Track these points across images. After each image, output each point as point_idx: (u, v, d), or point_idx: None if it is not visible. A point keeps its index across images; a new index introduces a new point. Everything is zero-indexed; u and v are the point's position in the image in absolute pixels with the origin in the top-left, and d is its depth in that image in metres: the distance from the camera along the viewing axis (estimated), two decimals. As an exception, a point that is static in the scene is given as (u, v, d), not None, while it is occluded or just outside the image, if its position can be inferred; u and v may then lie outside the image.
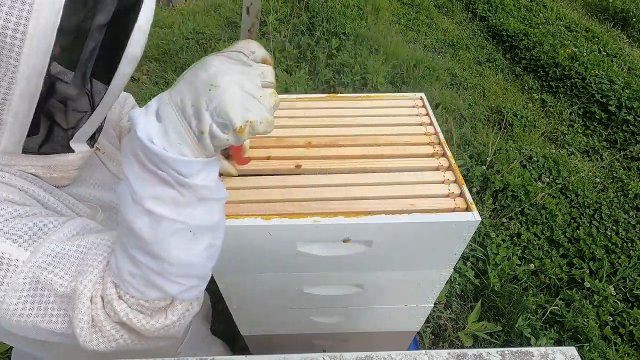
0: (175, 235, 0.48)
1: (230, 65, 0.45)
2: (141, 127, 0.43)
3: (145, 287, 0.50)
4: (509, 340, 1.73)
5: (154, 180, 0.45)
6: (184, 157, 0.44)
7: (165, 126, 0.44)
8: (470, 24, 4.50)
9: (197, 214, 0.49)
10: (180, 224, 0.48)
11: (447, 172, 0.85)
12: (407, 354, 0.67)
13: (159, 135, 0.43)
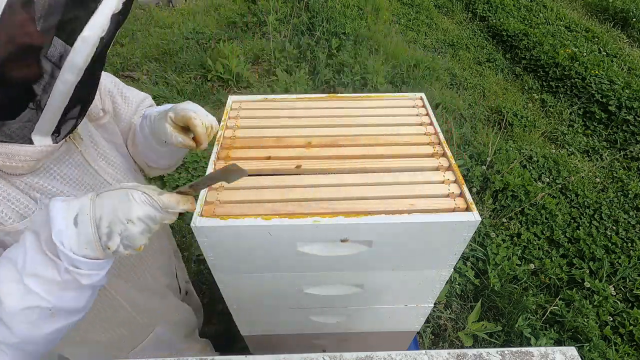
0: (32, 311, 0.52)
1: (146, 207, 0.55)
2: (56, 230, 0.51)
3: None
4: (509, 340, 1.73)
5: (44, 261, 0.52)
6: (86, 259, 0.53)
7: (79, 233, 0.52)
8: (470, 24, 4.50)
9: (67, 297, 0.54)
10: (46, 302, 0.52)
11: (447, 172, 0.84)
12: (407, 354, 0.67)
13: (70, 239, 0.51)
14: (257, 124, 0.97)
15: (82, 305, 0.57)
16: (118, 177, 0.80)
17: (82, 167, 0.72)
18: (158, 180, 2.33)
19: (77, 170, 0.71)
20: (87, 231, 0.52)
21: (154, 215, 0.56)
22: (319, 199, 0.78)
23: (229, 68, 3.15)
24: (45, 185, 0.64)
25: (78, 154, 0.71)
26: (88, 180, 0.73)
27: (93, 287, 0.57)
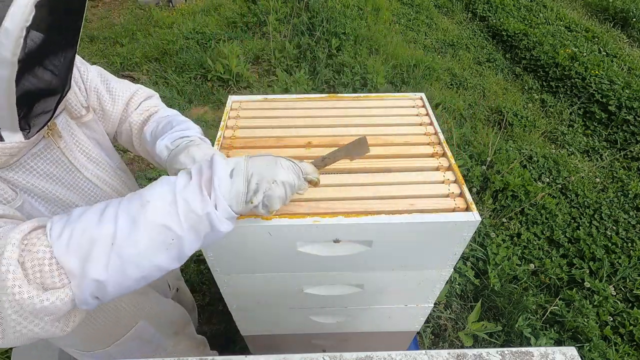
0: (161, 238, 0.55)
1: (290, 175, 0.63)
2: (218, 176, 0.58)
3: (80, 245, 0.51)
4: (509, 340, 1.73)
5: (198, 194, 0.57)
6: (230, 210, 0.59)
7: (232, 184, 0.59)
8: (470, 24, 4.50)
9: (189, 237, 0.58)
10: (178, 229, 0.56)
11: (447, 172, 0.84)
12: (407, 354, 0.67)
13: (224, 188, 0.58)
14: (257, 124, 0.97)
15: (176, 263, 0.59)
16: (101, 175, 0.80)
17: (61, 164, 0.71)
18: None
19: (56, 166, 0.70)
20: (239, 184, 0.59)
21: (293, 182, 0.63)
22: (319, 199, 0.78)
23: (229, 68, 3.15)
24: (21, 180, 0.64)
25: (57, 150, 0.70)
26: (68, 177, 0.73)
27: (207, 242, 0.61)
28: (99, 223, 0.53)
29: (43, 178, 0.68)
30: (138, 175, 2.39)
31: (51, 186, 0.69)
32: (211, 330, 1.68)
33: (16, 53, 0.46)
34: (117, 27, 3.96)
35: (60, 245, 0.51)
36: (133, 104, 0.88)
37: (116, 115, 0.86)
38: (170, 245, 0.56)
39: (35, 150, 0.66)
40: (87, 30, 3.96)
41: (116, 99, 0.84)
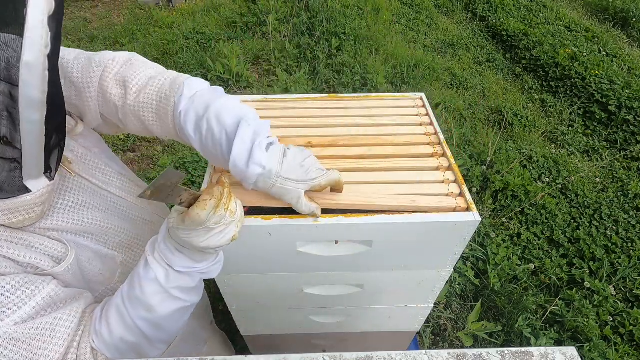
0: (180, 311, 0.63)
1: None
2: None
3: (129, 351, 0.60)
4: (509, 340, 1.73)
5: (185, 276, 0.61)
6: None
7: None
8: (470, 24, 4.50)
9: (198, 295, 0.66)
10: (186, 302, 0.63)
11: (447, 172, 0.84)
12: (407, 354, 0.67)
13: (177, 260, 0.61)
14: (257, 124, 0.97)
15: (201, 294, 0.68)
16: (117, 183, 0.76)
17: (84, 188, 0.66)
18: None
19: (81, 193, 0.65)
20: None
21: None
22: (319, 198, 0.78)
23: (229, 68, 3.15)
24: (63, 223, 0.60)
25: (75, 176, 0.65)
26: (95, 199, 0.68)
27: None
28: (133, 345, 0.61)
29: (75, 209, 0.63)
30: (138, 175, 2.39)
31: (88, 214, 0.65)
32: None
33: (45, 90, 0.38)
34: (117, 27, 3.97)
35: None
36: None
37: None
38: (188, 307, 0.65)
39: (55, 188, 0.59)
40: (88, 30, 3.97)
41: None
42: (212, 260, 0.64)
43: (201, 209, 0.53)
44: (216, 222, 0.55)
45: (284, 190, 0.65)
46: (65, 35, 3.89)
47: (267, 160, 0.63)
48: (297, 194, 0.66)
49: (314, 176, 0.66)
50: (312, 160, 0.67)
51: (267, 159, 0.63)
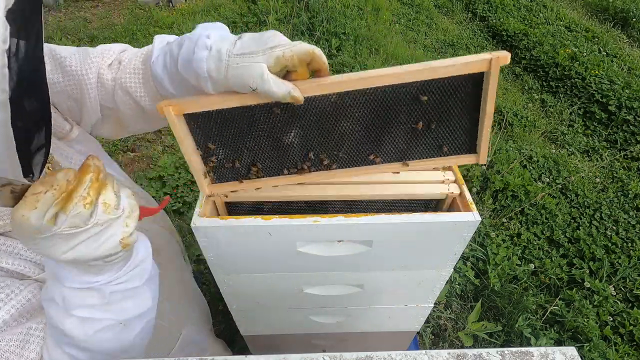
0: (104, 331, 0.51)
1: None
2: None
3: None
4: (509, 340, 1.73)
5: (88, 292, 0.48)
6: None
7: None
8: (470, 24, 4.50)
9: (127, 307, 0.52)
10: (109, 320, 0.51)
11: (447, 172, 0.84)
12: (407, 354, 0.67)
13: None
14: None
15: (149, 305, 0.55)
16: None
17: None
18: (158, 180, 2.33)
19: None
20: None
21: None
22: (318, 196, 0.79)
23: (229, 68, 3.15)
24: None
25: None
26: None
27: (148, 280, 0.54)
28: None
29: None
30: (138, 176, 2.39)
31: None
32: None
33: (5, 89, 0.35)
34: (117, 27, 3.96)
35: None
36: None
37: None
38: (125, 325, 0.53)
39: None
40: (88, 30, 3.96)
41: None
42: (121, 267, 0.50)
43: (27, 208, 0.39)
44: (73, 225, 0.42)
45: (241, 70, 0.52)
46: (65, 35, 3.89)
47: (214, 42, 0.54)
48: (258, 70, 0.52)
49: (274, 43, 0.52)
50: (273, 33, 0.54)
51: (214, 41, 0.54)
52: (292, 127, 0.64)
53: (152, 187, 2.27)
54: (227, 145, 0.66)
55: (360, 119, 0.63)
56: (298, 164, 0.69)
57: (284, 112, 0.61)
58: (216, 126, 0.63)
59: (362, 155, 0.68)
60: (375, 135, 0.65)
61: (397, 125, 0.64)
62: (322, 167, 0.69)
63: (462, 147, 0.67)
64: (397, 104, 0.61)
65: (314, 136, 0.65)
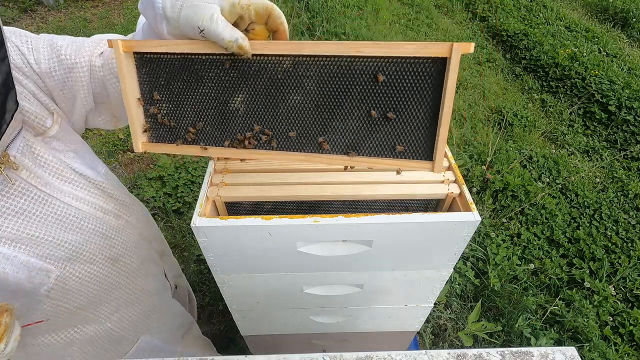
0: None
1: None
2: None
3: None
4: (509, 340, 1.73)
5: None
6: None
7: None
8: (470, 24, 4.50)
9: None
10: None
11: (447, 172, 0.85)
12: (407, 354, 0.67)
13: None
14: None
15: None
16: (81, 195, 0.70)
17: (28, 195, 0.60)
18: (158, 180, 2.33)
19: (23, 199, 0.60)
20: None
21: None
22: (318, 196, 0.79)
23: (229, 68, 3.15)
24: None
25: (20, 182, 0.59)
26: (40, 208, 0.62)
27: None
28: None
29: (13, 217, 0.58)
30: (138, 175, 2.40)
31: (22, 222, 0.59)
32: (211, 330, 1.68)
33: None
34: (117, 27, 3.97)
35: None
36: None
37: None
38: None
39: None
40: (88, 31, 3.97)
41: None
42: None
43: None
44: None
45: (193, 9, 0.52)
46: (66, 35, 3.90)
47: None
48: (209, 11, 0.51)
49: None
50: None
51: None
52: (240, 90, 0.60)
53: (152, 187, 2.28)
54: (172, 100, 0.63)
55: (312, 92, 0.58)
56: (239, 136, 0.63)
57: (233, 69, 0.58)
58: (164, 76, 0.61)
59: (311, 137, 0.62)
60: (326, 115, 0.60)
61: (351, 107, 0.58)
62: (262, 144, 0.63)
63: (418, 150, 0.59)
64: (353, 81, 0.56)
65: (262, 106, 0.61)
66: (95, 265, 0.72)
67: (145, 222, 0.93)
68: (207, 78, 0.60)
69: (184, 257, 1.98)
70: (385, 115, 0.57)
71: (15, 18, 4.17)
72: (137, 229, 0.86)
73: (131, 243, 0.83)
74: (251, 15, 0.53)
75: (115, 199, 0.79)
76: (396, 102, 0.56)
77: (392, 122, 0.57)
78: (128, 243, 0.81)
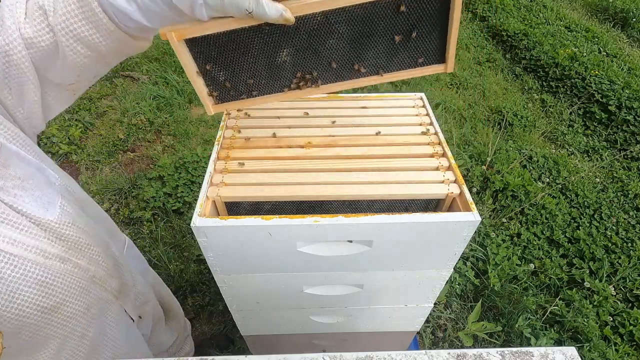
0: None
1: None
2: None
3: None
4: (509, 340, 1.73)
5: None
6: None
7: None
8: (470, 24, 4.50)
9: None
10: None
11: (447, 172, 0.85)
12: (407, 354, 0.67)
13: None
14: (257, 124, 0.97)
15: None
16: (20, 238, 0.59)
17: None
18: (158, 180, 2.33)
19: None
20: None
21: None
22: (317, 196, 0.79)
23: (229, 68, 3.15)
24: None
25: None
26: None
27: None
28: None
29: None
30: (138, 175, 2.40)
31: None
32: (211, 330, 1.68)
33: None
34: (117, 27, 3.97)
35: None
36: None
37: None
38: None
39: None
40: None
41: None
42: None
43: None
44: None
45: None
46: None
47: None
48: None
49: None
50: None
51: None
52: (284, 46, 0.69)
53: (152, 187, 2.28)
54: (227, 68, 0.71)
55: (345, 34, 0.68)
56: (291, 83, 0.74)
57: (275, 32, 0.66)
58: (215, 49, 0.68)
59: (348, 66, 0.73)
60: (359, 48, 0.70)
61: (379, 38, 0.69)
62: (311, 83, 0.74)
63: (434, 57, 0.72)
64: (378, 18, 0.66)
65: (305, 54, 0.70)
66: (25, 317, 0.62)
67: (103, 260, 0.80)
68: (253, 44, 0.67)
69: (184, 257, 1.98)
70: (409, 37, 0.68)
71: (15, 18, 4.16)
72: (87, 272, 0.75)
73: (77, 289, 0.71)
74: None
75: (65, 240, 0.68)
76: (417, 23, 0.67)
77: (413, 41, 0.69)
78: (72, 289, 0.70)
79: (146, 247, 2.03)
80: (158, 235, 2.06)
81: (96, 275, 0.77)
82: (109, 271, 0.83)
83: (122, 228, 2.13)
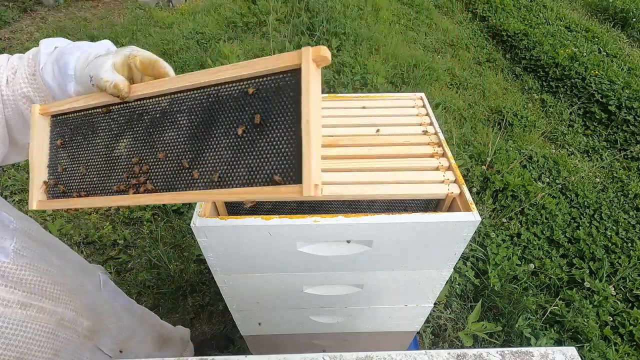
0: None
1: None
2: None
3: None
4: (509, 340, 1.73)
5: None
6: None
7: None
8: (470, 24, 4.50)
9: None
10: None
11: (447, 172, 0.85)
12: (407, 354, 0.67)
13: None
14: (257, 124, 0.96)
15: None
16: None
17: None
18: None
19: None
20: None
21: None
22: (320, 196, 0.78)
23: (229, 68, 3.15)
24: None
25: None
26: None
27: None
28: None
29: None
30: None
31: None
32: (211, 330, 1.68)
33: None
34: (117, 27, 3.97)
35: None
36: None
37: None
38: None
39: None
40: (88, 31, 3.96)
41: None
42: None
43: None
44: None
45: (93, 64, 0.56)
46: (65, 35, 3.89)
47: (94, 49, 0.60)
48: (101, 62, 0.56)
49: (130, 49, 0.58)
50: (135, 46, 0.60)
51: (95, 49, 0.60)
52: (125, 135, 0.60)
53: (152, 187, 2.27)
54: (72, 156, 0.64)
55: (185, 126, 0.55)
56: (123, 182, 0.60)
57: (120, 115, 0.60)
58: (68, 132, 0.63)
59: (183, 171, 0.56)
60: (198, 146, 0.55)
61: (219, 134, 0.53)
62: (140, 188, 0.58)
63: (290, 175, 0.51)
64: (223, 108, 0.53)
65: (141, 147, 0.59)
66: None
67: (71, 300, 0.76)
68: (99, 129, 0.61)
69: (184, 257, 1.98)
70: (253, 136, 0.51)
71: (15, 18, 4.17)
72: (54, 315, 0.70)
73: (42, 335, 0.68)
74: (137, 64, 0.57)
75: (24, 284, 0.65)
76: (263, 121, 0.50)
77: (261, 141, 0.51)
78: (37, 336, 0.67)
79: (146, 247, 2.03)
80: (158, 235, 2.06)
81: (64, 317, 0.73)
82: (80, 311, 0.78)
83: (122, 228, 2.13)
